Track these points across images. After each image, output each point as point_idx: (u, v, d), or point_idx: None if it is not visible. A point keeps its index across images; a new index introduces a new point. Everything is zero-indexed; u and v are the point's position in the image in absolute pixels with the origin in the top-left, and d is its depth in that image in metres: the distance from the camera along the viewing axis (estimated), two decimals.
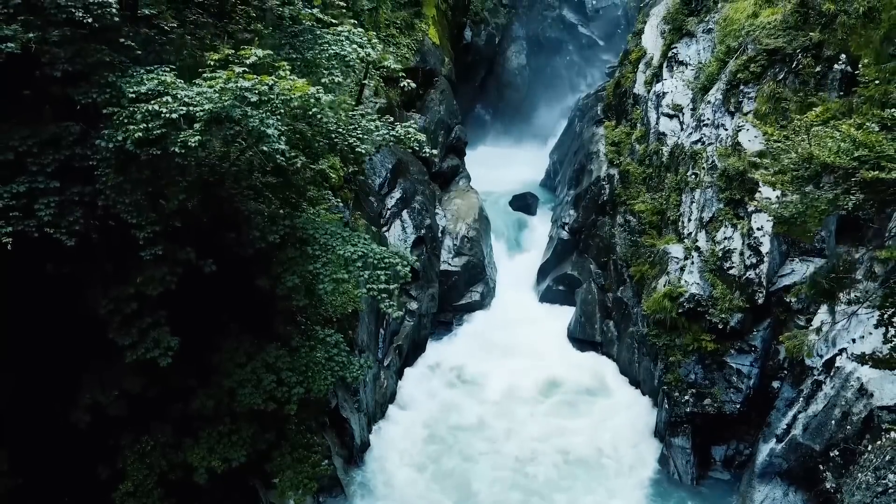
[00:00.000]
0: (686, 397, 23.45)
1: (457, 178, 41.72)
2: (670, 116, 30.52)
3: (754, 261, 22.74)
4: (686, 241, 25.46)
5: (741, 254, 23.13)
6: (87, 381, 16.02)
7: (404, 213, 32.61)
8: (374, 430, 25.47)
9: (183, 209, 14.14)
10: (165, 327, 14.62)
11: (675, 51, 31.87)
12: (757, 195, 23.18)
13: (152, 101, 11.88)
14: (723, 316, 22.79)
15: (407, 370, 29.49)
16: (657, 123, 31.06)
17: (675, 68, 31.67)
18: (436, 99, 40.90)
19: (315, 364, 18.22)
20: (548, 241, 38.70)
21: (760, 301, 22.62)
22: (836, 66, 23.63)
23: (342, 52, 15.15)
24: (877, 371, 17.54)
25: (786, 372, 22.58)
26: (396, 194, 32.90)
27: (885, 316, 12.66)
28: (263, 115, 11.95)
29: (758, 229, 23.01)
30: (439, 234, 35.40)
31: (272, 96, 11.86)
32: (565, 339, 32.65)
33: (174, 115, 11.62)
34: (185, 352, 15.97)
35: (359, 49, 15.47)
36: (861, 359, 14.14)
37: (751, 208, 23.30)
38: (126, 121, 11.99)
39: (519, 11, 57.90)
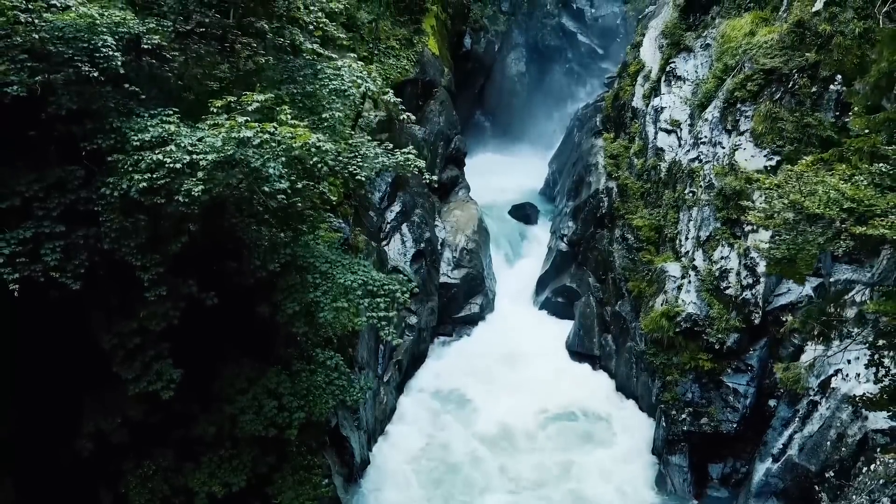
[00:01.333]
0: (683, 416, 23.64)
1: (456, 189, 41.85)
2: (668, 132, 30.71)
3: (750, 281, 22.91)
4: (683, 259, 25.65)
5: (738, 274, 23.31)
6: (91, 409, 16.24)
7: (404, 227, 32.77)
8: (374, 447, 25.63)
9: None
10: (168, 359, 14.84)
11: (673, 65, 32.04)
12: (751, 221, 23.43)
13: (157, 150, 12.06)
14: (719, 336, 22.97)
15: (407, 384, 29.65)
16: (655, 138, 31.24)
17: (673, 83, 31.84)
18: (435, 110, 41.03)
19: (316, 388, 18.44)
20: (547, 252, 38.87)
21: (757, 321, 22.80)
22: (831, 86, 23.82)
23: (342, 87, 15.35)
24: (871, 393, 17.74)
25: (782, 391, 22.72)
26: (396, 208, 33.05)
27: (876, 357, 12.85)
28: (265, 157, 12.12)
29: (754, 249, 23.17)
30: (438, 247, 35.54)
31: (274, 145, 12.05)
32: (564, 352, 32.81)
33: (178, 165, 11.81)
34: (187, 378, 16.18)
35: (358, 82, 15.63)
36: (853, 401, 14.31)
37: (747, 228, 23.49)
38: (130, 169, 12.18)
39: (518, 19, 58.05)
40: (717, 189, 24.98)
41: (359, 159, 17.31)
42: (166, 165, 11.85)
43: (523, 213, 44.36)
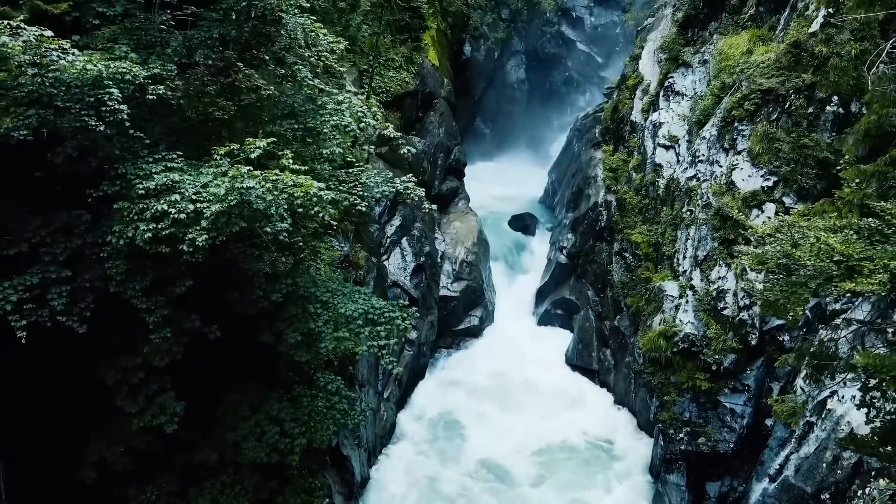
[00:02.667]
0: (681, 435, 23.84)
1: (456, 200, 42.03)
2: (666, 147, 30.88)
3: (747, 302, 23.11)
4: (681, 278, 25.85)
5: (735, 294, 23.50)
6: (94, 438, 16.45)
7: (404, 241, 32.97)
8: (375, 464, 25.85)
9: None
10: (171, 392, 15.04)
11: (671, 80, 32.21)
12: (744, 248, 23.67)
13: (162, 199, 12.26)
14: (717, 357, 23.16)
15: (407, 400, 29.87)
16: (654, 154, 31.42)
17: (671, 98, 32.02)
18: (435, 121, 41.23)
19: (317, 413, 18.67)
20: (546, 264, 39.07)
21: (754, 342, 22.98)
22: (828, 107, 23.98)
23: (343, 123, 15.56)
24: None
25: (782, 397, 22.92)
26: (396, 222, 33.24)
27: (868, 397, 13.06)
28: (268, 202, 12.31)
29: (751, 269, 23.36)
30: (438, 260, 35.74)
31: (276, 193, 12.25)
32: (563, 366, 33.03)
33: (182, 216, 12.03)
34: (190, 405, 16.38)
35: (359, 116, 15.84)
36: (843, 441, 14.52)
37: (745, 260, 23.66)
38: (136, 217, 12.39)
39: (518, 26, 58.29)
40: (714, 208, 25.17)
41: (360, 188, 17.55)
42: (171, 216, 12.07)
43: (523, 224, 44.59)
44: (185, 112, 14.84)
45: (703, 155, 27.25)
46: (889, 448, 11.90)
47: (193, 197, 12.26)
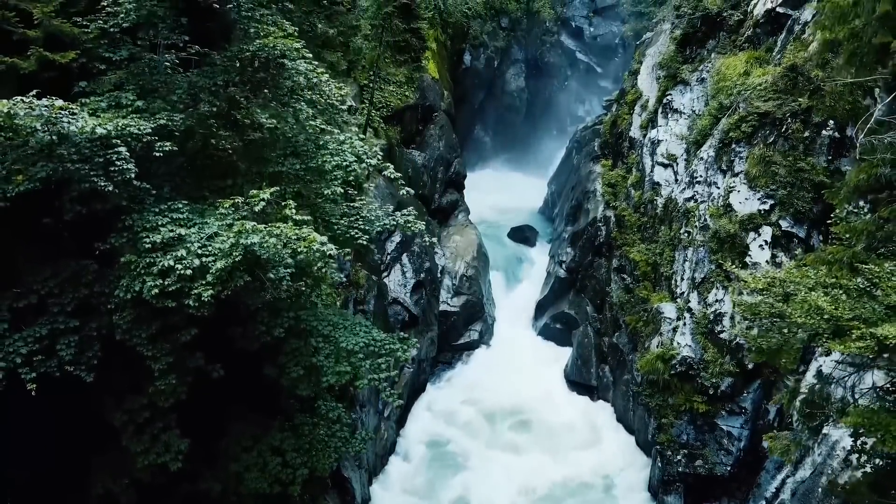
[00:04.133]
0: (678, 457, 24.10)
1: (456, 212, 42.27)
2: (665, 166, 31.12)
3: (744, 326, 23.33)
4: (679, 300, 26.08)
5: (731, 318, 23.73)
6: (99, 471, 16.66)
7: (404, 258, 33.17)
8: (375, 484, 26.09)
9: None
10: (176, 430, 15.26)
11: (669, 98, 32.45)
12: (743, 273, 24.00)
13: (168, 253, 12.51)
14: (714, 380, 23.42)
15: (407, 417, 30.09)
16: (652, 171, 31.66)
17: (669, 115, 32.25)
18: (435, 135, 41.47)
19: (318, 442, 18.89)
20: (546, 277, 39.29)
21: (750, 366, 23.22)
22: (824, 131, 24.23)
23: (344, 163, 15.80)
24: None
25: (776, 433, 23.17)
26: (396, 238, 33.40)
27: (859, 442, 13.30)
28: (271, 253, 12.56)
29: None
30: (438, 274, 35.95)
31: (280, 247, 12.49)
32: (562, 381, 33.25)
33: (188, 272, 12.28)
34: (194, 438, 16.61)
35: (360, 157, 16.08)
36: (833, 488, 14.76)
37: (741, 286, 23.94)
38: (143, 272, 12.63)
39: (518, 35, 58.50)
40: (711, 231, 25.40)
41: (361, 222, 17.79)
42: (177, 272, 12.32)
43: (522, 236, 44.84)
44: (190, 153, 15.06)
45: (701, 176, 27.49)
46: (877, 497, 12.13)
47: (199, 251, 12.50)
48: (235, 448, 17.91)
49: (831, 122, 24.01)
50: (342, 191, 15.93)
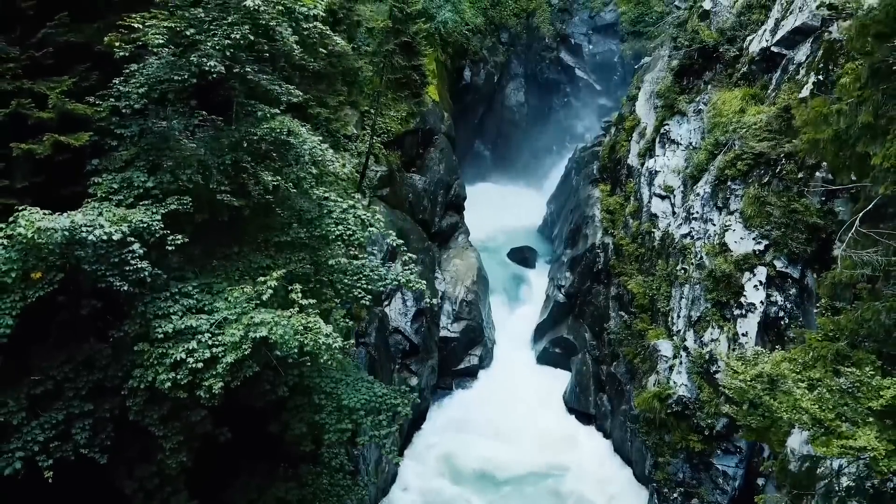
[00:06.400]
0: (675, 495, 24.55)
1: (456, 235, 42.59)
2: (662, 197, 31.50)
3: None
4: (675, 338, 26.49)
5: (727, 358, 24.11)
6: None
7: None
8: None
9: None
10: (184, 492, 15.71)
11: (667, 128, 32.80)
12: (742, 299, 24.44)
13: (180, 346, 12.93)
14: (709, 421, 23.83)
15: (408, 447, 30.51)
16: (650, 202, 32.04)
17: (667, 146, 32.61)
18: (435, 158, 41.82)
19: (322, 492, 19.37)
20: (545, 300, 39.68)
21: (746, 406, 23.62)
22: (817, 173, 24.56)
23: (347, 232, 16.22)
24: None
25: (771, 471, 23.58)
26: (398, 267, 33.71)
27: None
28: (277, 337, 12.99)
29: (743, 335, 24.02)
30: (438, 300, 36.29)
31: (287, 339, 12.91)
32: (561, 408, 33.67)
33: (199, 365, 12.73)
34: (200, 493, 17.07)
35: (365, 222, 16.53)
36: None
37: (737, 312, 24.39)
38: (155, 362, 13.08)
39: (518, 49, 58.79)
40: (707, 269, 25.77)
41: (364, 281, 18.19)
42: (189, 365, 12.76)
43: (522, 257, 45.24)
44: (198, 223, 15.44)
45: (697, 212, 27.86)
46: None
47: (209, 342, 12.93)
48: (241, 501, 18.35)
49: (824, 163, 24.33)
50: (346, 260, 16.36)
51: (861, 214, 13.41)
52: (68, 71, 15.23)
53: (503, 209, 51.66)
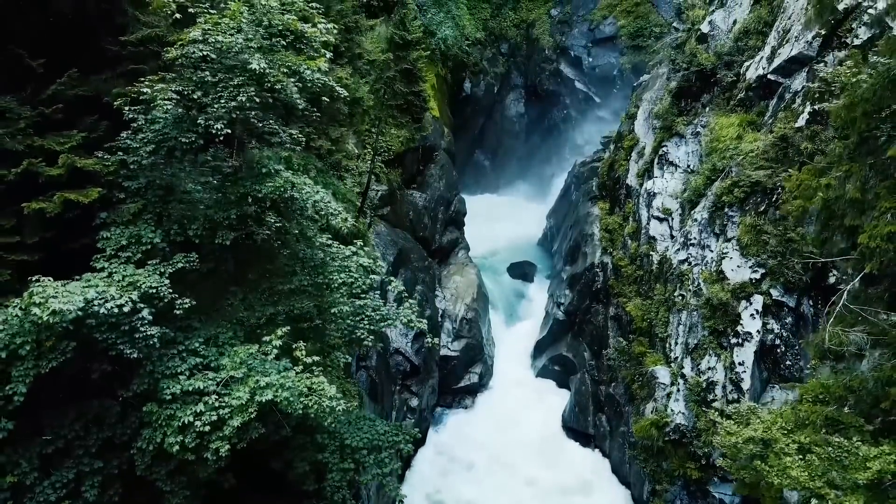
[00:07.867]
0: None
1: (456, 250, 42.93)
2: (660, 220, 31.79)
3: (736, 396, 24.08)
4: (673, 365, 26.81)
5: (724, 387, 24.45)
6: None
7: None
8: None
9: None
10: None
11: (665, 149, 33.07)
12: (739, 327, 24.76)
13: (188, 408, 13.26)
14: (706, 450, 24.15)
15: (409, 469, 30.83)
16: (648, 223, 32.33)
17: (665, 167, 32.90)
18: (435, 174, 42.15)
19: None
20: (545, 316, 39.98)
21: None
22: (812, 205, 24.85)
23: (349, 280, 16.57)
24: None
25: None
26: (399, 287, 33.91)
27: None
28: (282, 399, 13.35)
29: (739, 364, 24.33)
30: (439, 319, 36.63)
31: (293, 400, 13.26)
32: (560, 428, 33.99)
33: (206, 428, 13.05)
34: None
35: (364, 272, 16.87)
36: None
37: (734, 341, 24.71)
38: (164, 424, 13.40)
39: (517, 60, 59.15)
40: (705, 297, 26.08)
41: (366, 322, 18.54)
42: (196, 429, 13.08)
43: (521, 272, 45.57)
44: (203, 270, 15.76)
45: (695, 238, 28.16)
46: None
47: (216, 404, 13.26)
48: None
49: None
50: (350, 309, 16.70)
51: (848, 287, 13.73)
52: (77, 123, 15.51)
53: (503, 220, 52.04)
